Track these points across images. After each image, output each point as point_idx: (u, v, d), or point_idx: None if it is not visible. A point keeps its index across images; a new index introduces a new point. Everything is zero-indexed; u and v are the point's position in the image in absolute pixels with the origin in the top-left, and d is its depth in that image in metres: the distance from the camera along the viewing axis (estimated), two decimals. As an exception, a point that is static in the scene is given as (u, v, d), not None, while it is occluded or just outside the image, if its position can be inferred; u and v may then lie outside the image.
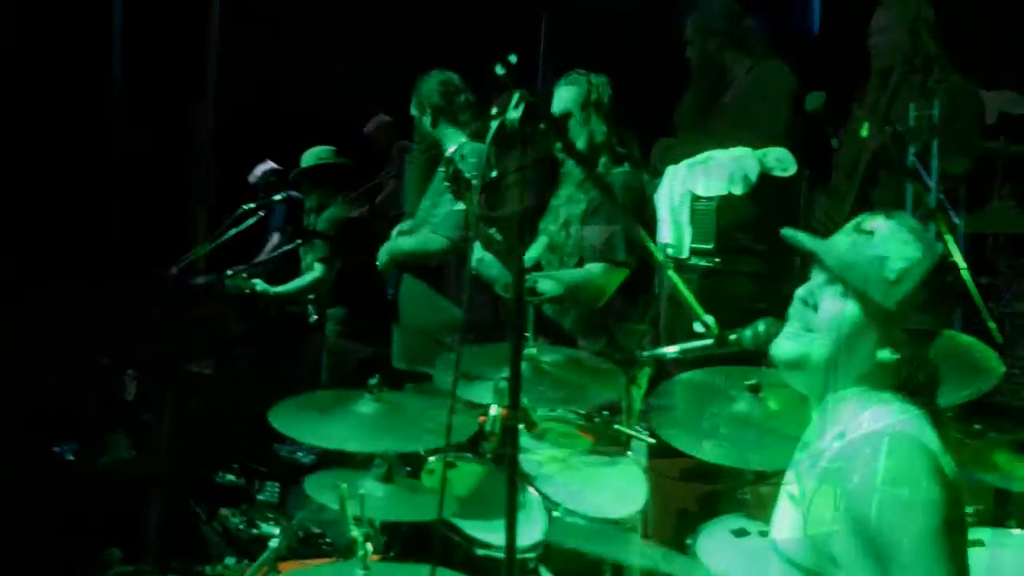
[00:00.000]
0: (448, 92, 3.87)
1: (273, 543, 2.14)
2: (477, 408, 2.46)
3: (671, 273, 1.98)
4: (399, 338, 3.96)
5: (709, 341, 2.11)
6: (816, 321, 1.72)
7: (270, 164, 6.00)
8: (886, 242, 1.68)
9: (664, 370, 2.84)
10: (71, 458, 4.50)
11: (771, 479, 2.63)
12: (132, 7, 6.07)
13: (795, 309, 1.76)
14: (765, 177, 3.77)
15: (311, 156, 5.11)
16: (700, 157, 3.92)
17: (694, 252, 3.95)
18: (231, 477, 4.47)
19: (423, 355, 3.33)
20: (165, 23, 6.01)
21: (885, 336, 1.68)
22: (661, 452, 2.73)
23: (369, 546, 1.71)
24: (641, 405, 2.66)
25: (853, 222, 1.74)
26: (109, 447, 4.41)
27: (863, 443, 1.64)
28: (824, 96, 3.35)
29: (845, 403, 1.71)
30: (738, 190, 3.72)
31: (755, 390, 2.73)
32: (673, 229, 3.97)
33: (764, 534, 2.62)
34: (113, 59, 6.06)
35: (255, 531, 3.16)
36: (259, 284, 4.76)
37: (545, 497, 2.47)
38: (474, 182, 3.52)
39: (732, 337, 2.04)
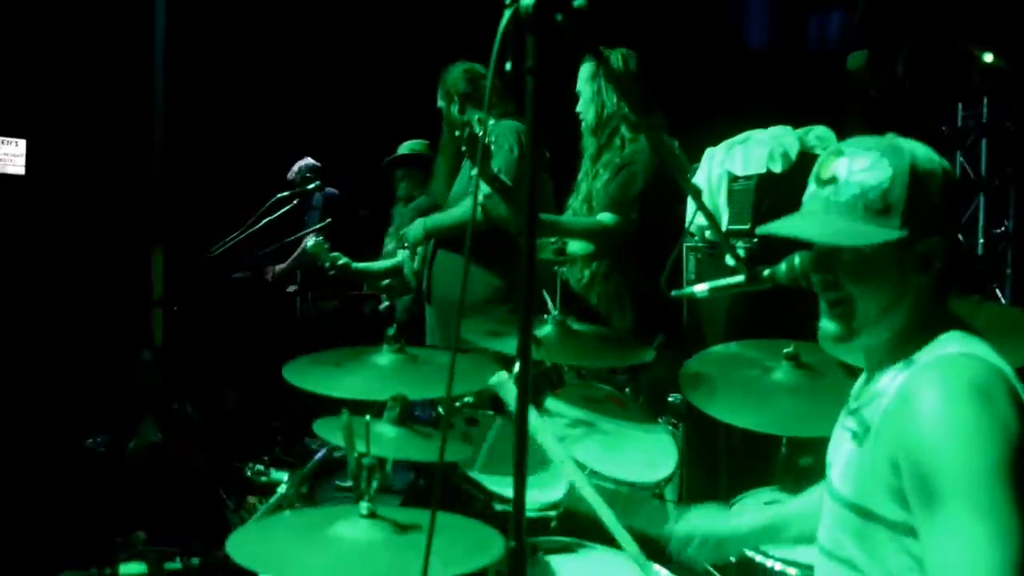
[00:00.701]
0: (473, 78, 3.89)
1: (282, 488, 2.06)
2: (504, 361, 2.42)
3: (700, 204, 1.85)
4: (433, 315, 3.91)
5: (740, 278, 1.99)
6: (842, 292, 1.63)
7: (309, 160, 5.99)
8: (852, 180, 1.57)
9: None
10: (103, 451, 4.48)
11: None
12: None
13: (818, 285, 1.67)
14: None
15: (406, 147, 5.13)
16: (739, 137, 3.82)
17: (731, 234, 3.83)
18: (260, 468, 4.42)
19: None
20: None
21: (911, 261, 1.58)
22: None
23: (375, 480, 1.62)
24: None
25: (813, 174, 1.65)
26: (139, 433, 4.38)
27: (934, 366, 1.55)
28: (866, 54, 3.23)
29: (907, 339, 1.61)
30: (777, 168, 3.60)
31: (793, 358, 2.65)
32: (711, 210, 3.86)
33: None
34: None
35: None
36: (341, 257, 4.65)
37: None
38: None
39: (766, 273, 1.93)
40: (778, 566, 2.27)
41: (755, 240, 3.69)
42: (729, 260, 2.27)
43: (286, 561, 1.57)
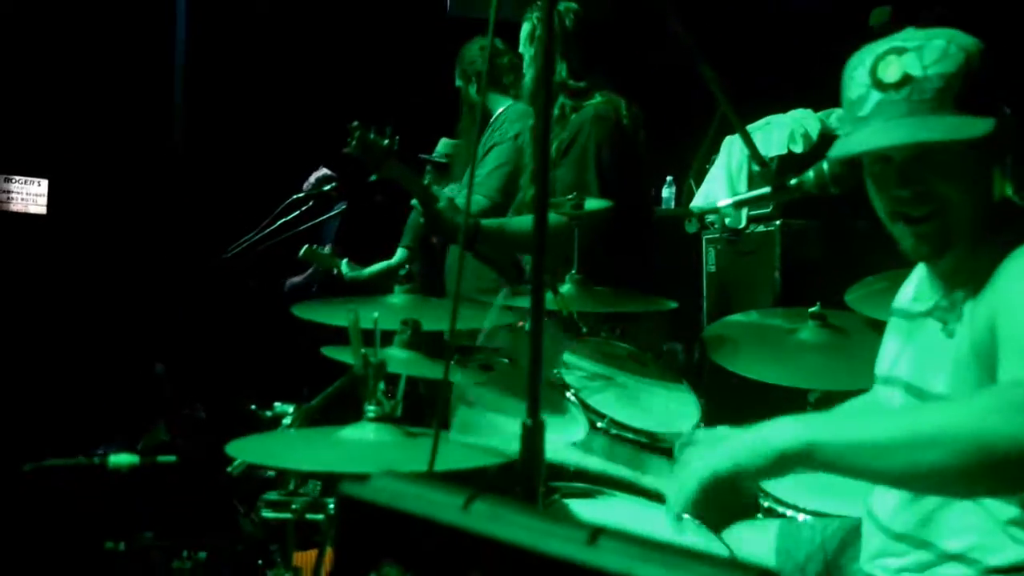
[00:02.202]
0: (490, 56, 3.78)
1: (286, 421, 1.98)
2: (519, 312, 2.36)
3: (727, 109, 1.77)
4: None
5: (766, 189, 1.91)
6: (934, 202, 1.50)
7: (323, 171, 5.94)
8: (931, 74, 1.44)
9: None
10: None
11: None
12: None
13: (903, 202, 1.53)
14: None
15: (444, 146, 5.05)
16: (759, 122, 3.78)
17: (752, 219, 3.78)
18: (272, 473, 4.32)
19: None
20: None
21: (1001, 143, 1.47)
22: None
23: (381, 383, 1.54)
24: None
25: (866, 83, 1.50)
26: (148, 434, 4.30)
27: None
28: (889, 11, 3.17)
29: (999, 222, 1.51)
30: (798, 148, 3.55)
31: (819, 317, 2.58)
32: (730, 195, 3.80)
33: None
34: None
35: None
36: (344, 265, 4.51)
37: (589, 408, 2.28)
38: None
39: (793, 182, 1.84)
40: (807, 519, 2.17)
41: (778, 223, 3.63)
42: (754, 166, 2.19)
43: (291, 456, 1.49)
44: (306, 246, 4.62)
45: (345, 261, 4.50)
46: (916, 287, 1.69)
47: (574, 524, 0.79)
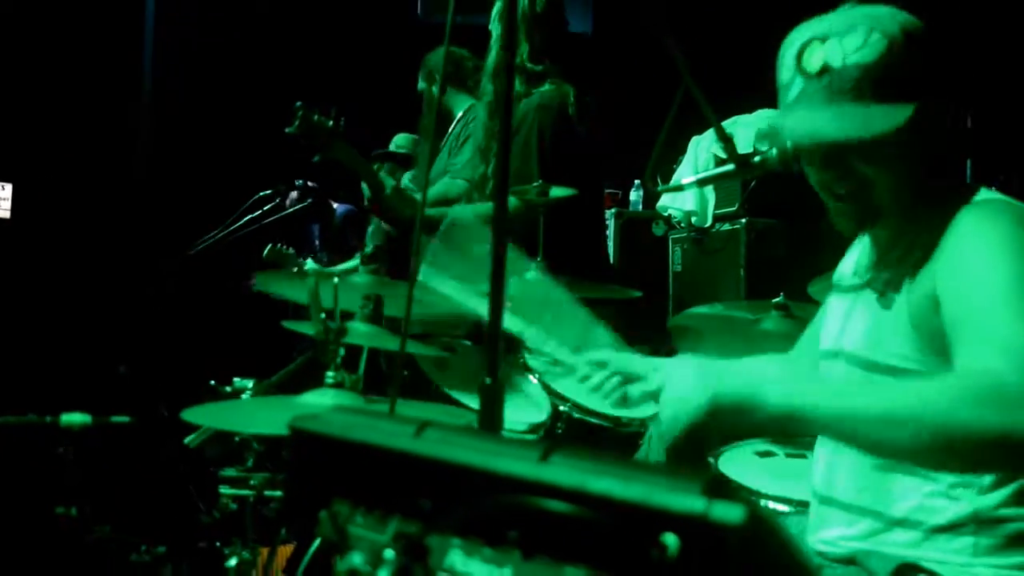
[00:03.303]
0: (456, 60, 3.81)
1: (246, 396, 1.95)
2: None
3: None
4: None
5: (730, 166, 1.91)
6: (856, 181, 1.52)
7: (295, 192, 5.86)
8: (849, 63, 1.45)
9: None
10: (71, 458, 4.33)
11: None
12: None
13: (828, 182, 1.56)
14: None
15: (403, 139, 5.00)
16: (726, 121, 3.80)
17: (718, 218, 3.80)
18: (233, 472, 4.27)
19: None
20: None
21: (921, 128, 1.47)
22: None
23: (342, 349, 1.53)
24: None
25: (791, 66, 1.53)
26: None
27: (971, 208, 1.46)
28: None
29: (934, 198, 1.52)
30: (764, 147, 3.56)
31: (782, 308, 2.59)
32: (697, 197, 3.83)
33: (791, 456, 2.47)
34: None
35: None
36: (309, 263, 4.48)
37: (553, 392, 2.28)
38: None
39: (756, 159, 1.84)
40: (771, 504, 2.17)
41: (744, 222, 3.65)
42: (719, 151, 2.19)
43: (247, 421, 1.47)
44: (270, 245, 4.59)
45: (309, 260, 4.48)
46: (855, 260, 1.70)
47: (526, 443, 0.78)
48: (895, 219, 1.55)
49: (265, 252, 4.60)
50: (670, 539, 0.65)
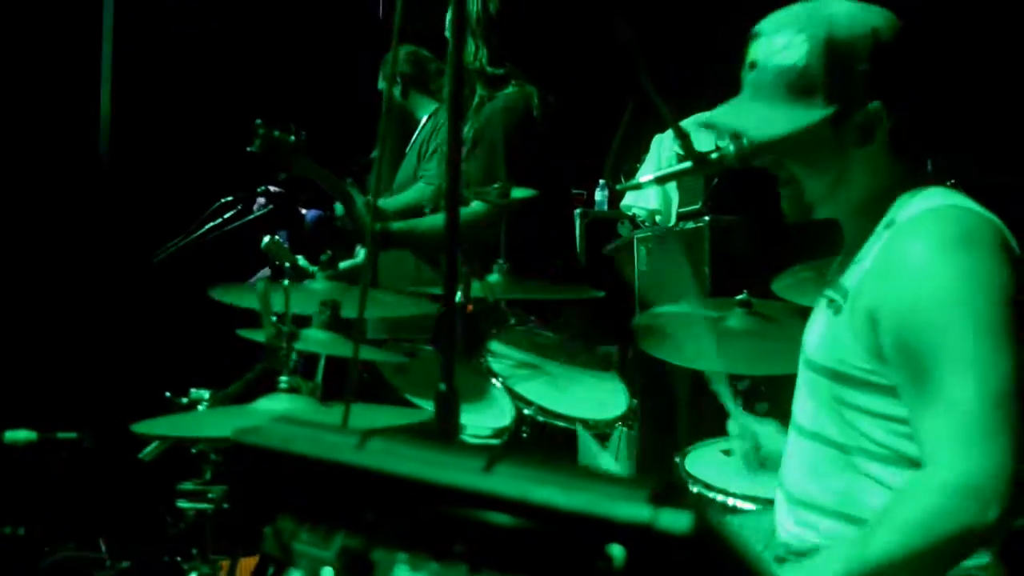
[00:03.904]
0: (418, 61, 3.78)
1: (202, 408, 1.91)
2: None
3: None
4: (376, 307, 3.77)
5: (688, 164, 1.90)
6: (787, 172, 1.59)
7: (266, 189, 5.79)
8: (770, 64, 1.51)
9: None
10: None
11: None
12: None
13: (772, 170, 1.63)
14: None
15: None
16: (688, 119, 3.79)
17: (681, 216, 3.79)
18: (190, 486, 4.21)
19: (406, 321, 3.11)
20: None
21: (850, 134, 1.51)
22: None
23: (294, 353, 1.49)
24: None
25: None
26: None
27: (918, 219, 1.47)
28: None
29: (880, 204, 1.55)
30: (724, 143, 3.56)
31: (746, 304, 2.59)
32: (660, 196, 3.82)
33: None
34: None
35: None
36: (301, 259, 4.39)
37: (516, 396, 2.26)
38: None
39: (714, 156, 1.83)
40: (736, 502, 2.17)
41: (707, 219, 3.64)
42: (677, 148, 2.18)
43: (201, 428, 1.44)
44: (268, 237, 4.49)
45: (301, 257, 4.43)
46: (833, 265, 1.72)
47: (471, 452, 0.75)
48: (847, 219, 1.59)
49: (264, 243, 4.49)
50: (616, 549, 0.62)
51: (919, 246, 1.44)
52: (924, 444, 1.41)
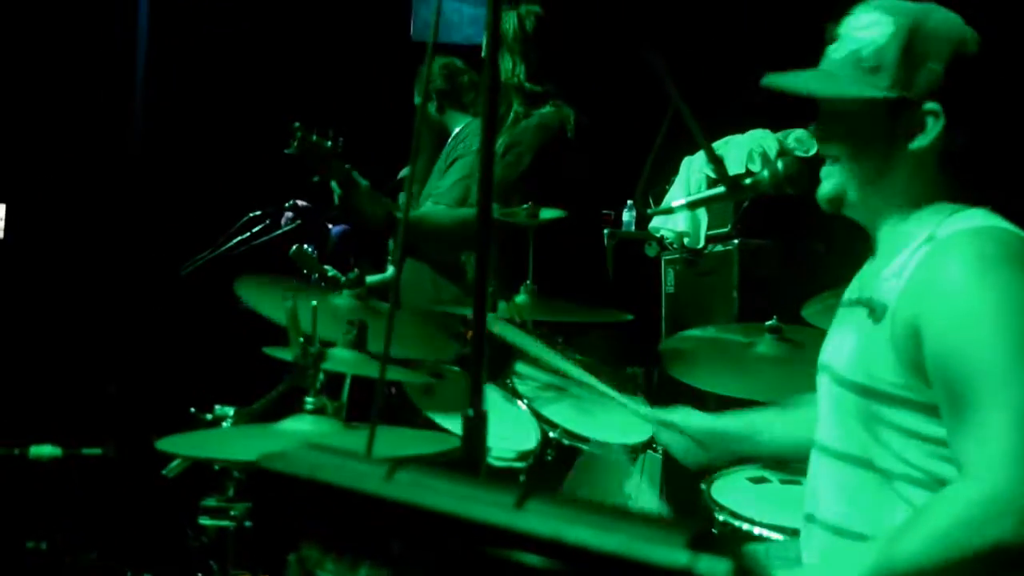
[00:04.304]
0: (450, 74, 3.73)
1: (227, 424, 1.90)
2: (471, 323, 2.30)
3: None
4: (399, 325, 3.75)
5: (721, 189, 1.88)
6: (836, 149, 1.59)
7: (288, 213, 5.78)
8: (851, 36, 1.54)
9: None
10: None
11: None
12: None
13: (822, 149, 1.64)
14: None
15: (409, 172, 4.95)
16: (718, 142, 3.77)
17: (710, 239, 3.77)
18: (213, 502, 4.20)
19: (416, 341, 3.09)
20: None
21: (903, 126, 1.51)
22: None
23: (321, 374, 1.48)
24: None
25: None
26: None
27: (959, 237, 1.46)
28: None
29: (918, 215, 1.54)
30: (756, 167, 3.55)
31: (776, 331, 2.56)
32: (689, 218, 3.80)
33: (785, 482, 2.43)
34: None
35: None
36: (331, 269, 4.38)
37: (542, 418, 2.24)
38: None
39: (748, 181, 1.82)
40: (764, 532, 2.14)
41: (736, 242, 3.61)
42: (711, 171, 2.16)
43: (225, 449, 1.43)
44: (295, 246, 4.48)
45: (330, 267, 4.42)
46: (858, 277, 1.69)
47: (501, 487, 0.73)
48: (880, 224, 1.58)
49: (292, 251, 4.49)
50: (652, 595, 0.60)
51: (957, 264, 1.43)
52: (959, 461, 1.39)
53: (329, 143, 2.61)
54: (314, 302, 1.48)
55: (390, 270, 4.33)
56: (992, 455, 1.33)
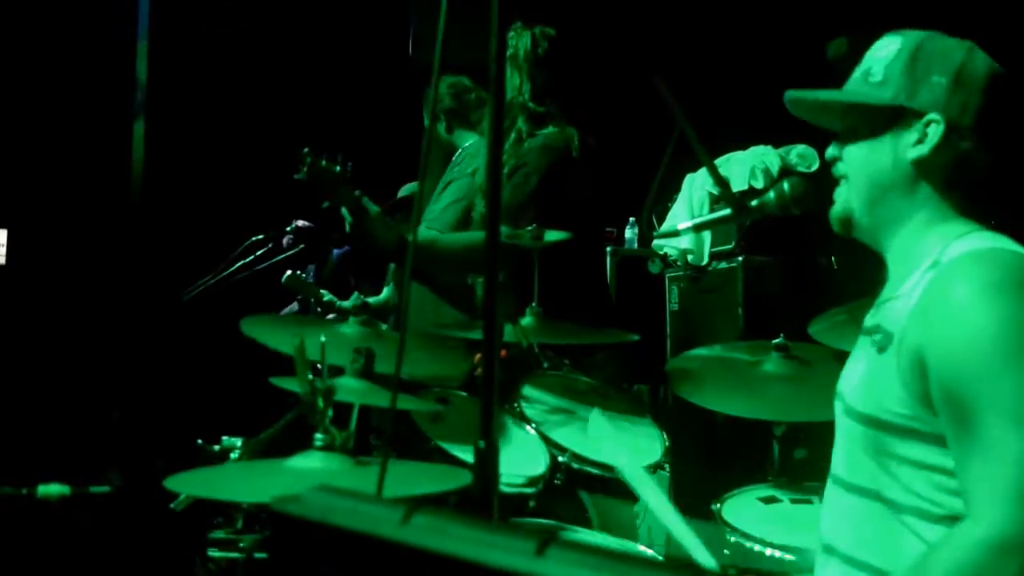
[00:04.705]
0: (459, 92, 3.70)
1: (234, 455, 1.89)
2: (477, 347, 2.29)
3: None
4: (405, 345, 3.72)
5: (727, 211, 1.88)
6: (845, 167, 1.61)
7: (297, 223, 5.76)
8: (867, 59, 1.60)
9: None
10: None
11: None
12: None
13: (835, 170, 1.65)
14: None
15: (408, 191, 4.93)
16: (720, 158, 3.77)
17: (714, 256, 3.76)
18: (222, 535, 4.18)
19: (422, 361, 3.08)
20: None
21: (909, 136, 1.52)
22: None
23: (330, 410, 1.47)
24: None
25: None
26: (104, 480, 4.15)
27: (964, 260, 1.45)
28: (847, 42, 3.18)
29: (926, 237, 1.53)
30: (759, 184, 3.54)
31: (782, 349, 2.55)
32: (693, 236, 3.79)
33: (796, 502, 2.41)
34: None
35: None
36: (327, 294, 4.35)
37: (550, 442, 2.22)
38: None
39: (754, 203, 1.81)
40: (776, 552, 2.12)
41: (740, 260, 3.61)
42: (713, 188, 2.15)
43: (234, 488, 1.41)
44: (289, 272, 4.47)
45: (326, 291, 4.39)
46: (875, 303, 1.68)
47: (520, 533, 0.72)
48: (889, 247, 1.58)
49: (284, 278, 4.48)
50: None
51: (961, 290, 1.41)
52: (966, 496, 1.38)
53: (338, 168, 2.60)
54: (323, 337, 1.46)
55: (385, 291, 4.31)
56: (997, 493, 1.32)
